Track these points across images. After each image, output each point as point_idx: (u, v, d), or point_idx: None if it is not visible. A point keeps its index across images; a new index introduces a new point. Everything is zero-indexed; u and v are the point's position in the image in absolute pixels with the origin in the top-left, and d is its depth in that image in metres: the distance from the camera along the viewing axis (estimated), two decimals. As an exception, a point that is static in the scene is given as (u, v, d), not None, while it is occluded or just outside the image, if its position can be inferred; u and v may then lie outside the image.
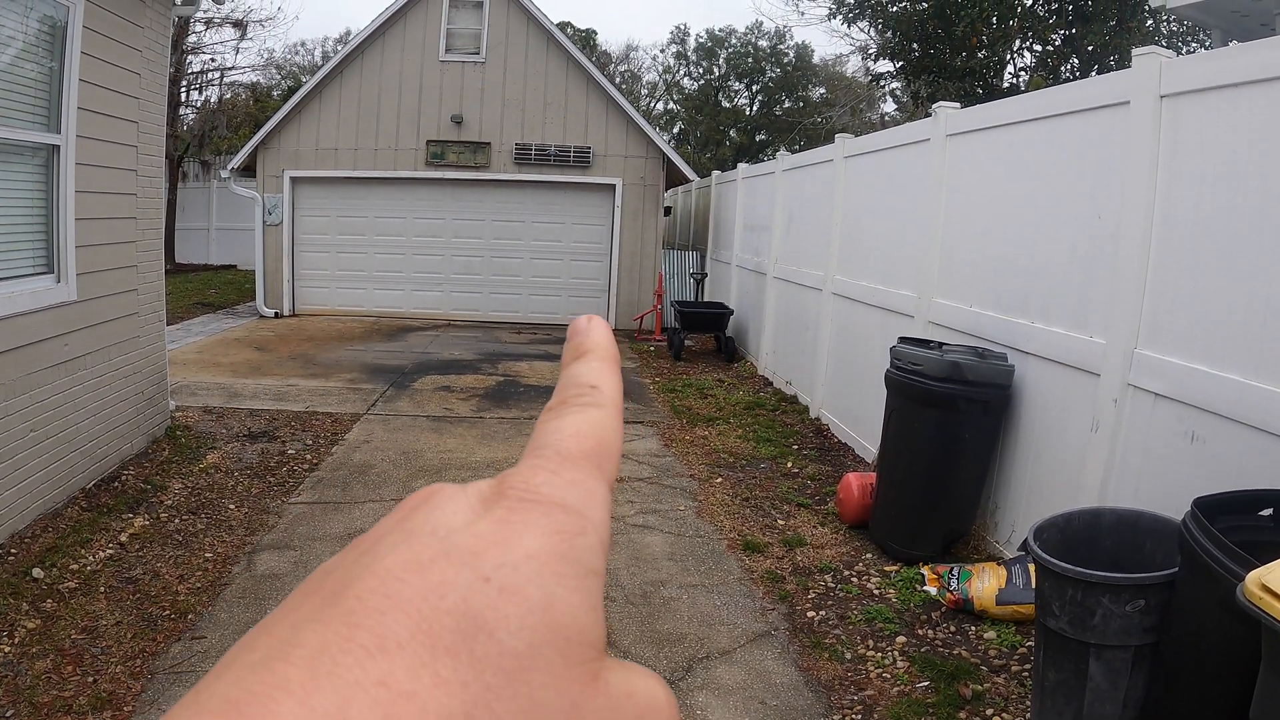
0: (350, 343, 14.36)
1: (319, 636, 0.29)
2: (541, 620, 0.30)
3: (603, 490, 0.36)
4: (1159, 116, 4.66)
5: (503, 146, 16.94)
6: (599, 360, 0.42)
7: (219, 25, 25.96)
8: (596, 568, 0.33)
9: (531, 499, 0.33)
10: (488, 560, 0.31)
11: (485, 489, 0.35)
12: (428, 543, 0.32)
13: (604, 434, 0.37)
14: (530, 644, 0.30)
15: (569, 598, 0.31)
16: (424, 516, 0.33)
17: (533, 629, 0.30)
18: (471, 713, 0.28)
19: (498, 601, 0.30)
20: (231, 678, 0.28)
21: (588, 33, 44.26)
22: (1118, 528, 4.11)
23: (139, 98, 7.19)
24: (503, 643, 0.29)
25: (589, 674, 0.31)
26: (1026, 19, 16.58)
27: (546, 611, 0.30)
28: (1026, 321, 5.83)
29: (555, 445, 0.36)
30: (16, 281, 5.87)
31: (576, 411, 0.38)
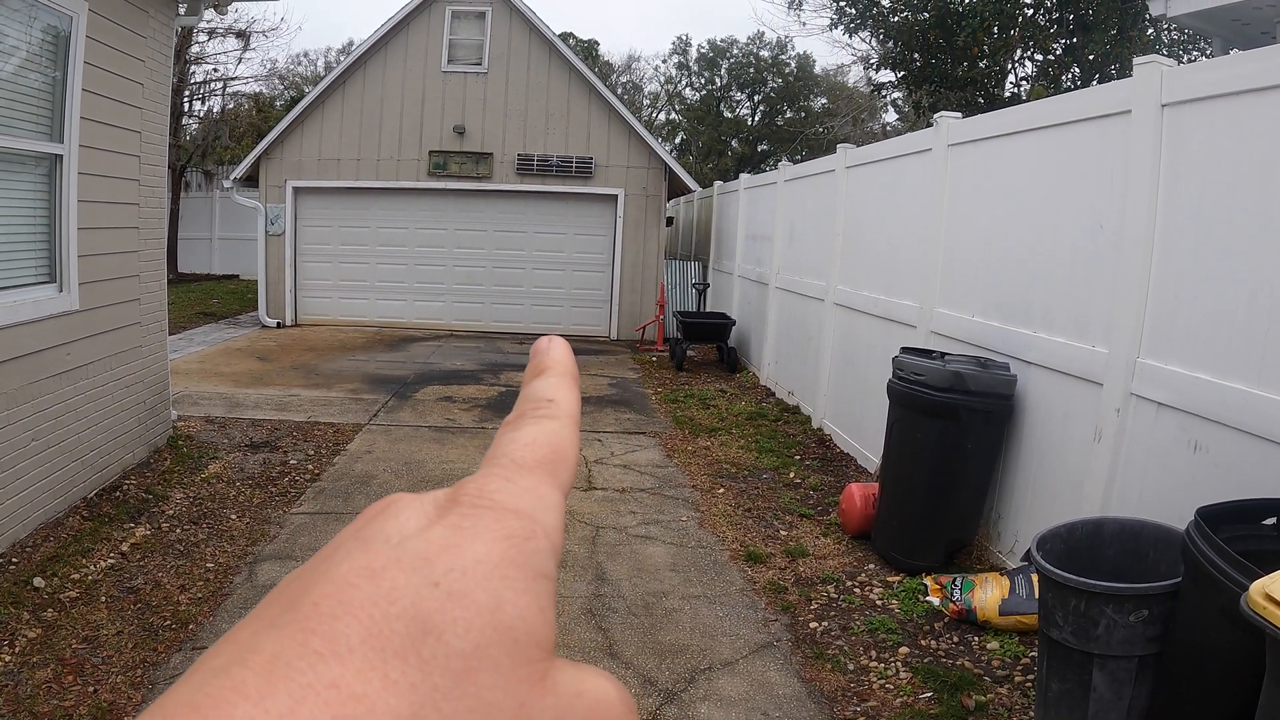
0: (352, 353, 14.36)
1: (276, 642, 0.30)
2: (489, 622, 0.31)
3: (556, 497, 0.37)
4: (1160, 125, 4.66)
5: (505, 157, 16.96)
6: (557, 376, 0.44)
7: (222, 36, 26.04)
8: (547, 571, 0.34)
9: (484, 505, 0.35)
10: (438, 565, 0.32)
11: (441, 497, 0.36)
12: (381, 549, 0.33)
13: (559, 444, 0.39)
14: (477, 646, 0.31)
15: (517, 600, 0.32)
16: (379, 525, 0.35)
17: (480, 631, 0.31)
18: (419, 713, 0.29)
19: (446, 605, 0.31)
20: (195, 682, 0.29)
21: (589, 43, 44.31)
22: (1121, 537, 4.10)
23: (142, 108, 7.20)
24: (450, 645, 0.30)
25: (537, 674, 0.32)
26: (1028, 29, 16.60)
27: (494, 614, 0.31)
28: (1029, 331, 5.82)
29: (510, 454, 0.38)
30: (19, 290, 5.87)
31: (533, 423, 0.40)
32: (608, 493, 7.43)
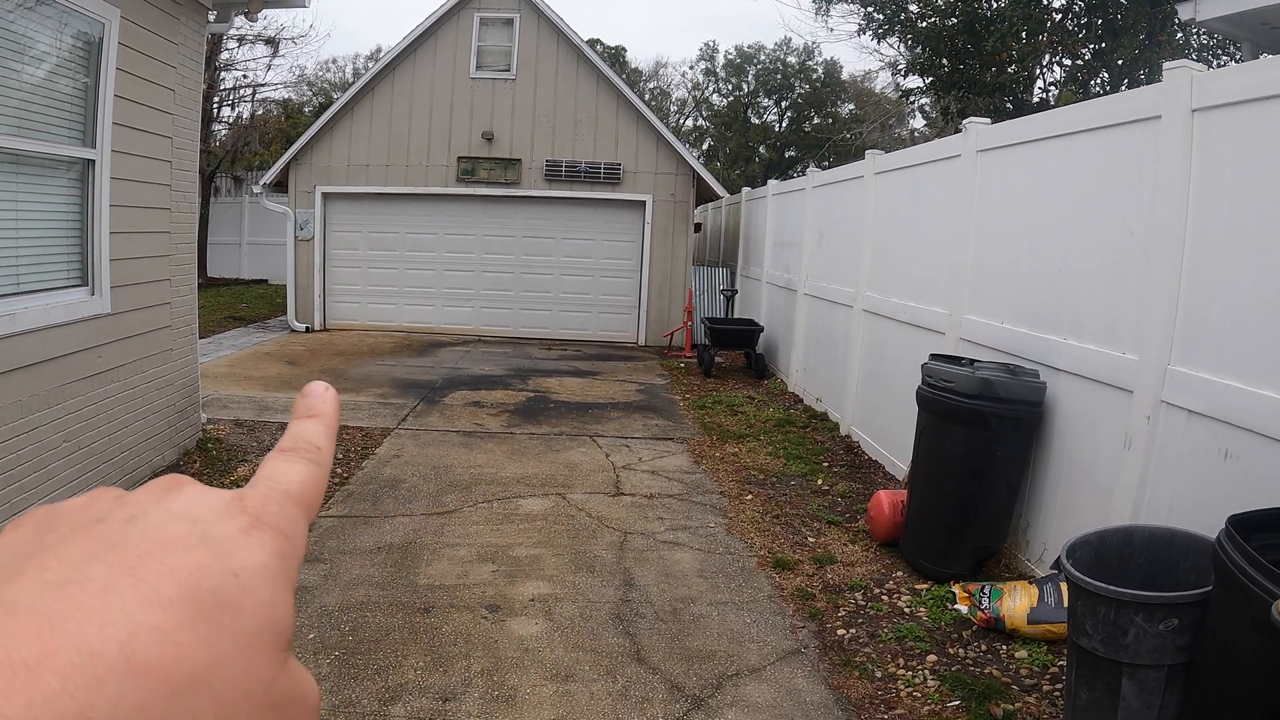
0: (381, 357, 14.43)
1: (106, 576, 0.36)
2: (268, 614, 0.40)
3: (306, 530, 0.45)
4: (1190, 131, 4.63)
5: (533, 163, 17.01)
6: (325, 426, 0.52)
7: (252, 42, 26.25)
8: (294, 582, 0.43)
9: (267, 523, 0.42)
10: (236, 559, 0.40)
11: (229, 498, 0.43)
12: (190, 530, 0.40)
13: (317, 488, 0.47)
14: (258, 628, 0.39)
15: (284, 603, 0.41)
16: (183, 505, 0.42)
17: (261, 619, 0.39)
18: (213, 667, 0.36)
19: (242, 593, 0.39)
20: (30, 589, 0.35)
21: (617, 50, 44.41)
22: (1151, 546, 4.08)
23: (173, 113, 7.27)
24: (241, 623, 0.38)
25: (283, 658, 0.41)
26: (1056, 33, 16.50)
27: (270, 609, 0.40)
28: (1058, 338, 5.79)
29: (284, 486, 0.46)
30: (51, 294, 5.94)
31: (303, 464, 0.48)
32: (635, 498, 7.44)
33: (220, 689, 0.37)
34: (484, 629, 4.99)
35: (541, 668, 4.60)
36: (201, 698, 0.36)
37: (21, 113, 5.51)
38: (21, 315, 5.53)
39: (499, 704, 4.25)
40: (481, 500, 7.21)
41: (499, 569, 5.85)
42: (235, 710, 0.37)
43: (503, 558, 6.04)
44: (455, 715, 4.15)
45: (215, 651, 0.37)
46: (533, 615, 5.20)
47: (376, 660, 4.59)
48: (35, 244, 5.88)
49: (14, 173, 5.58)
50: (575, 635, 4.97)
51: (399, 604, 5.26)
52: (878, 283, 9.29)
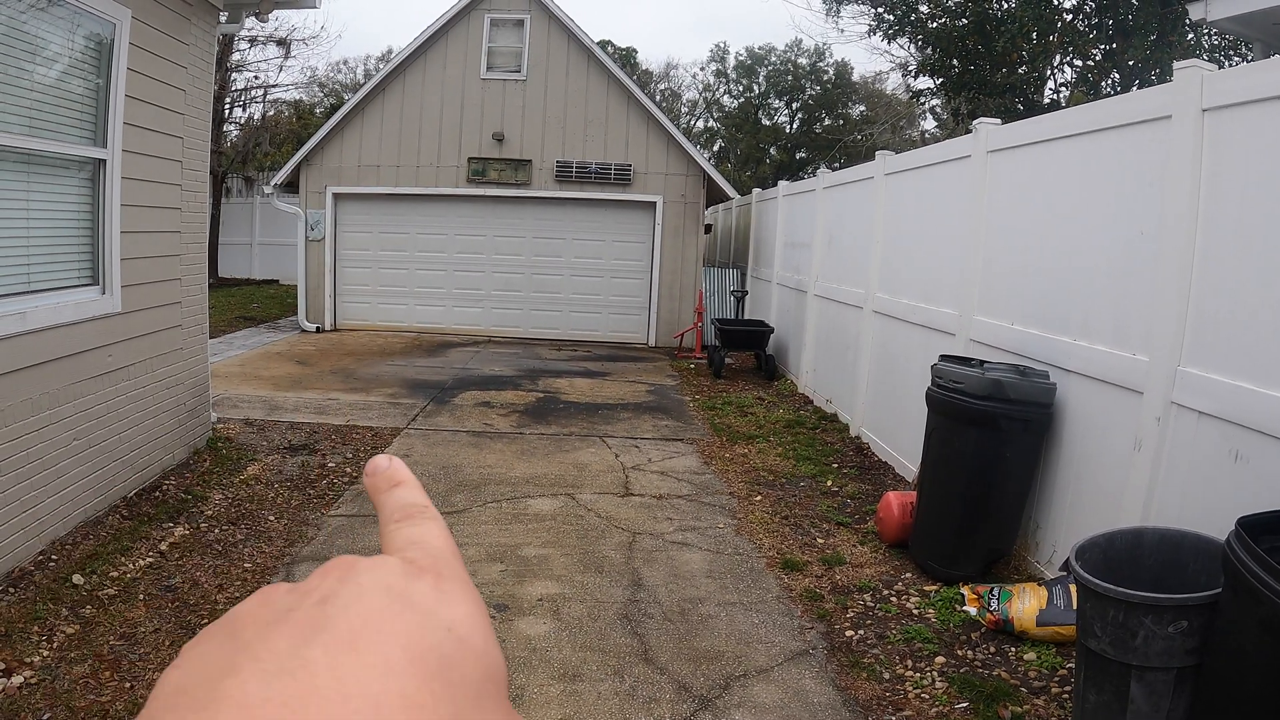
0: (391, 358, 14.45)
1: (328, 656, 0.36)
2: (484, 662, 0.40)
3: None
4: (1201, 131, 4.61)
5: (544, 164, 17.02)
6: (415, 486, 0.52)
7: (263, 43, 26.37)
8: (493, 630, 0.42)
9: (449, 575, 0.43)
10: (443, 615, 0.40)
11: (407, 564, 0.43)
12: (389, 598, 0.40)
13: (450, 536, 0.47)
14: (483, 679, 0.39)
15: (495, 649, 0.41)
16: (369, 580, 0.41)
17: (483, 669, 0.39)
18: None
19: (459, 646, 0.39)
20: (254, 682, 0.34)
21: (628, 51, 44.43)
22: (1160, 548, 4.06)
23: (184, 113, 7.29)
24: (467, 676, 0.38)
25: (508, 705, 0.40)
26: (1067, 34, 16.46)
27: (486, 656, 0.40)
28: (1068, 339, 5.78)
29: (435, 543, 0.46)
30: (62, 293, 5.96)
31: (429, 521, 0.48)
32: (645, 499, 7.44)
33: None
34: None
35: (549, 667, 4.60)
36: None
37: (33, 113, 5.53)
38: (32, 314, 5.55)
39: (506, 703, 4.24)
40: (490, 500, 7.21)
41: (507, 568, 5.85)
42: None
43: (511, 557, 6.04)
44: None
45: (455, 708, 0.37)
46: (541, 615, 5.20)
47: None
48: (46, 243, 5.90)
49: (25, 172, 5.60)
50: (583, 635, 4.97)
51: (407, 603, 5.25)
52: (888, 284, 9.28)
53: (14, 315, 5.38)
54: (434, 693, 0.36)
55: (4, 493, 5.32)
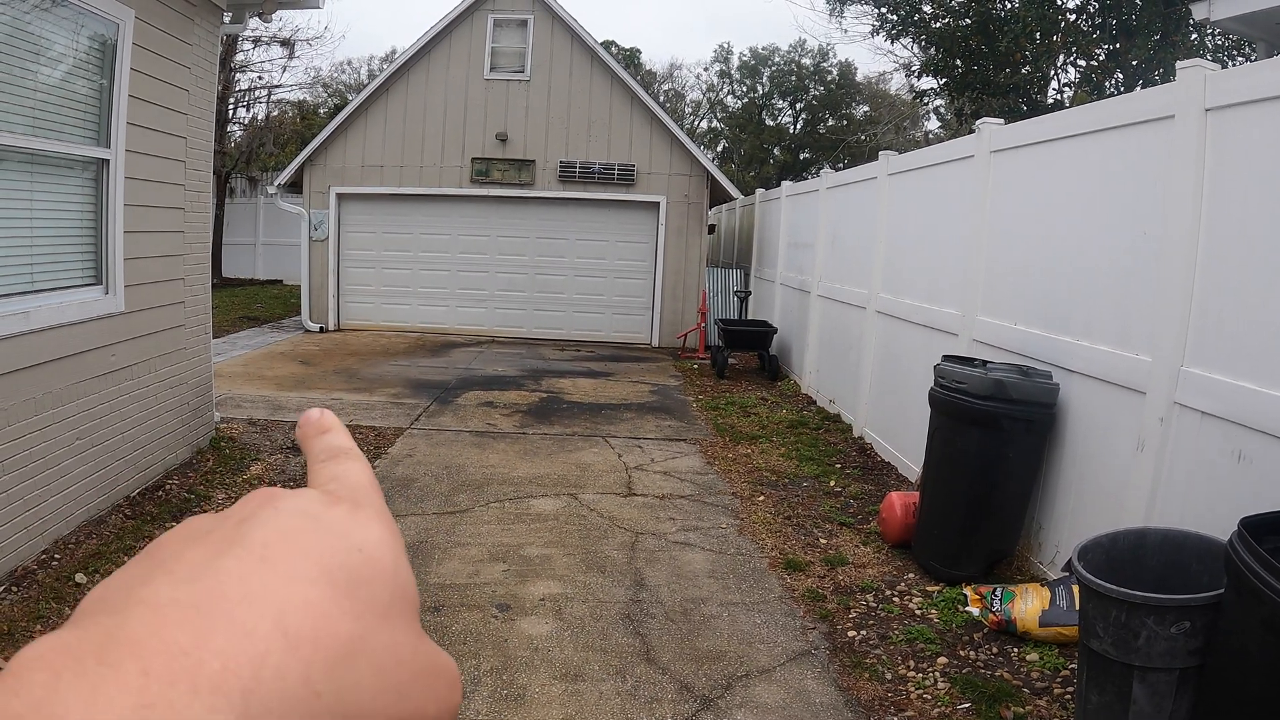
0: (394, 358, 14.46)
1: (240, 566, 0.37)
2: (394, 584, 0.41)
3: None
4: (1204, 130, 4.61)
5: (547, 164, 17.03)
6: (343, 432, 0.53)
7: (267, 44, 26.38)
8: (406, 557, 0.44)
9: (365, 504, 0.44)
10: (355, 538, 0.41)
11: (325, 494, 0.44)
12: (303, 520, 0.41)
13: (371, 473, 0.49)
14: (391, 598, 0.40)
15: (405, 573, 0.42)
16: (285, 504, 0.42)
17: (392, 589, 0.41)
18: (363, 637, 0.37)
19: (368, 566, 0.40)
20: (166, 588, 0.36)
21: (631, 51, 44.42)
22: (1163, 548, 4.06)
23: (187, 114, 7.29)
24: (376, 594, 0.39)
25: (419, 628, 0.42)
26: (1070, 34, 16.44)
27: (395, 576, 0.41)
28: (1071, 339, 5.77)
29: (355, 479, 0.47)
30: (66, 292, 5.97)
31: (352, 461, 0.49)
32: (647, 499, 7.44)
33: (375, 657, 0.38)
34: (494, 628, 5.00)
35: (551, 667, 4.60)
36: (359, 667, 0.37)
37: (37, 113, 5.53)
38: (35, 313, 5.55)
39: (508, 703, 4.25)
40: (493, 500, 7.22)
41: (510, 568, 5.85)
42: (392, 678, 0.38)
43: (514, 557, 6.04)
44: (464, 713, 4.15)
45: (362, 623, 0.38)
46: (543, 615, 5.20)
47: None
48: (50, 243, 5.91)
49: (29, 172, 5.60)
50: (585, 635, 4.97)
51: (409, 603, 5.25)
52: (891, 284, 9.28)
53: (17, 315, 5.38)
54: (340, 604, 0.37)
55: (7, 492, 5.33)
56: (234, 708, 0.32)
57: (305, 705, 0.34)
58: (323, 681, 0.35)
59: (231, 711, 0.32)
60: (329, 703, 0.35)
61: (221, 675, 0.32)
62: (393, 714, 0.38)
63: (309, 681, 0.34)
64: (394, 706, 0.38)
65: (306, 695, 0.34)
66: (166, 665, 0.32)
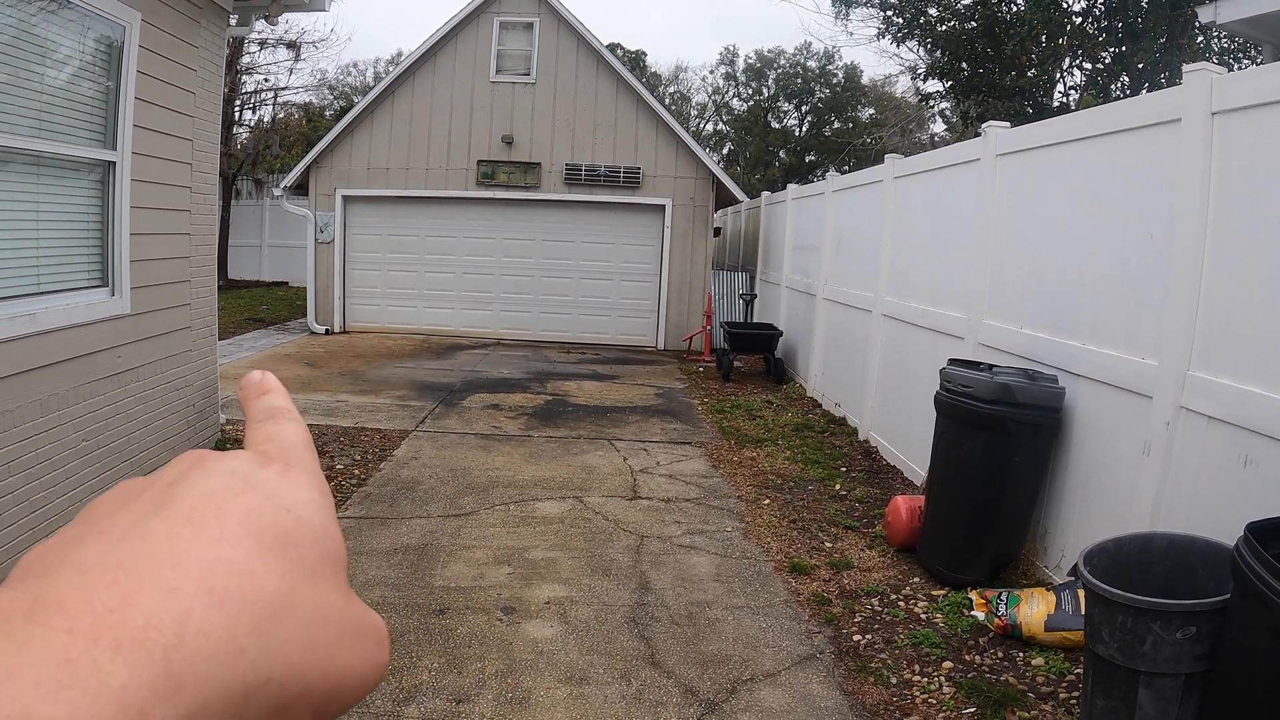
0: (400, 360, 14.47)
1: (168, 527, 0.38)
2: (323, 544, 0.42)
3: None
4: (1210, 134, 4.60)
5: (553, 167, 17.04)
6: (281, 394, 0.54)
7: (273, 46, 26.44)
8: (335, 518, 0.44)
9: (296, 465, 0.45)
10: (284, 498, 0.42)
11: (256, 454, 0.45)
12: (232, 480, 0.41)
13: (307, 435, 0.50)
14: (319, 558, 0.41)
15: (335, 533, 0.43)
16: (215, 465, 0.43)
17: (321, 549, 0.41)
18: (289, 594, 0.38)
19: (297, 525, 0.41)
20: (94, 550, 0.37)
21: (637, 54, 44.42)
22: (1169, 553, 4.05)
23: (193, 116, 7.31)
24: (304, 554, 0.40)
25: (347, 588, 0.43)
26: (1076, 37, 16.42)
27: (324, 537, 0.42)
28: (1077, 343, 5.76)
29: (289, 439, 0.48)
30: (72, 294, 5.98)
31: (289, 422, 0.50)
32: (653, 502, 7.43)
33: (301, 614, 0.38)
34: (499, 631, 5.00)
35: (556, 670, 4.60)
36: (286, 624, 0.38)
37: (43, 115, 5.54)
38: (42, 315, 5.56)
39: (513, 706, 4.25)
40: (498, 503, 7.22)
41: (515, 571, 5.85)
42: (319, 635, 0.39)
43: (519, 560, 6.04)
44: (469, 717, 4.15)
45: (289, 581, 0.39)
46: (548, 618, 5.20)
47: (391, 661, 4.58)
48: (56, 245, 5.92)
49: (36, 174, 5.62)
50: (590, 638, 4.97)
51: (414, 605, 5.26)
52: (897, 287, 9.27)
53: (24, 316, 5.39)
54: (266, 563, 0.38)
55: (13, 494, 5.34)
56: (156, 663, 0.33)
57: (230, 660, 0.35)
58: (248, 638, 0.36)
59: (153, 667, 0.33)
60: (253, 658, 0.36)
61: (144, 632, 0.33)
62: (319, 671, 0.39)
63: (234, 638, 0.35)
64: (320, 663, 0.39)
65: (231, 651, 0.35)
66: (91, 623, 0.33)
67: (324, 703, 0.40)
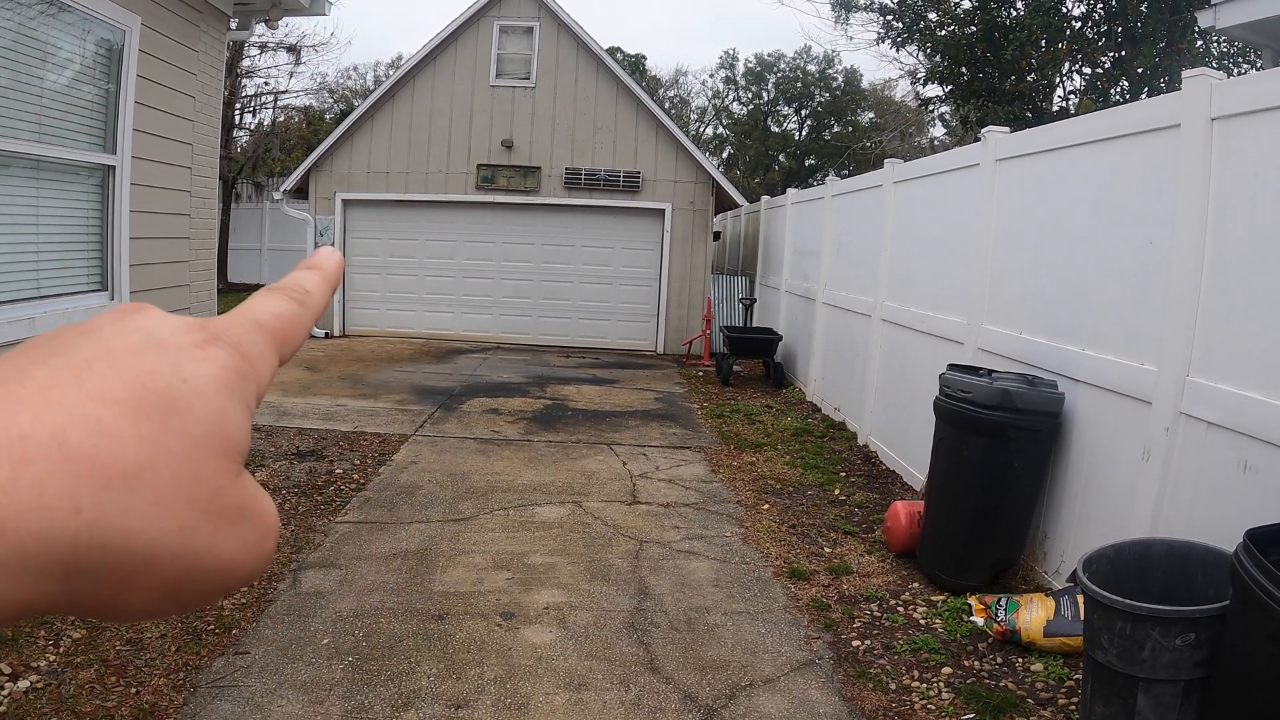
0: (399, 364, 14.47)
1: (48, 375, 0.38)
2: (216, 421, 0.40)
3: (274, 360, 0.47)
4: (1210, 139, 4.60)
5: (553, 171, 17.05)
6: (321, 276, 0.55)
7: (274, 50, 26.49)
8: (251, 406, 0.44)
9: (226, 341, 0.44)
10: (188, 369, 0.41)
11: (190, 320, 0.45)
12: (144, 340, 0.41)
13: (295, 325, 0.49)
14: (206, 433, 0.40)
15: (236, 415, 0.42)
16: (141, 322, 0.43)
17: (209, 424, 0.40)
18: (153, 464, 0.38)
19: (190, 397, 0.40)
20: None
21: (637, 58, 44.43)
22: (1168, 559, 4.05)
23: (193, 120, 7.31)
24: (188, 425, 0.39)
25: (236, 470, 0.42)
26: (1075, 41, 16.42)
27: (220, 416, 0.41)
28: (1077, 348, 5.76)
29: (256, 316, 0.47)
30: (71, 298, 5.98)
31: (284, 299, 0.50)
32: (652, 507, 7.43)
33: (159, 487, 0.38)
34: (498, 636, 4.99)
35: (555, 676, 4.60)
36: (137, 493, 0.37)
37: (43, 119, 5.54)
38: (41, 319, 5.56)
39: (512, 712, 4.25)
40: (498, 507, 7.21)
41: (514, 576, 5.85)
42: (175, 511, 0.39)
43: (518, 565, 6.03)
44: (467, 723, 4.15)
45: (156, 449, 0.38)
46: (547, 623, 5.19)
47: (390, 666, 4.59)
48: (55, 248, 5.92)
49: (35, 178, 5.62)
50: (589, 644, 4.96)
51: (413, 610, 5.26)
52: (896, 292, 9.27)
53: (23, 320, 5.39)
54: (138, 428, 0.38)
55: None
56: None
57: (62, 518, 0.35)
58: (88, 498, 0.36)
59: None
60: (89, 519, 0.36)
61: None
62: (169, 548, 0.38)
63: (73, 496, 0.35)
64: (172, 539, 0.38)
65: (67, 509, 0.35)
66: None
67: (177, 581, 0.39)
